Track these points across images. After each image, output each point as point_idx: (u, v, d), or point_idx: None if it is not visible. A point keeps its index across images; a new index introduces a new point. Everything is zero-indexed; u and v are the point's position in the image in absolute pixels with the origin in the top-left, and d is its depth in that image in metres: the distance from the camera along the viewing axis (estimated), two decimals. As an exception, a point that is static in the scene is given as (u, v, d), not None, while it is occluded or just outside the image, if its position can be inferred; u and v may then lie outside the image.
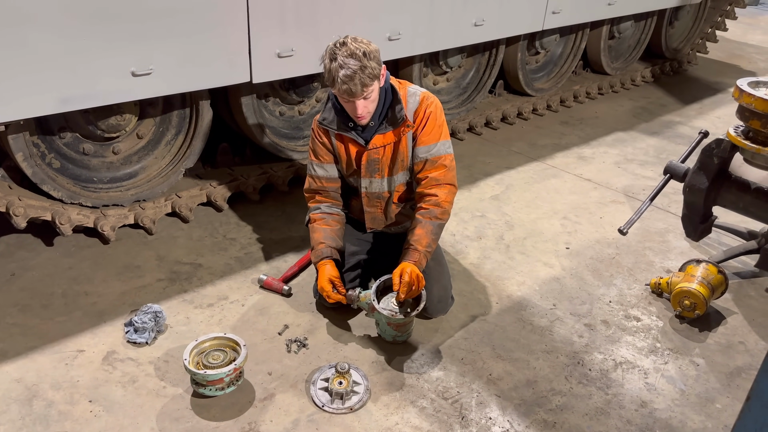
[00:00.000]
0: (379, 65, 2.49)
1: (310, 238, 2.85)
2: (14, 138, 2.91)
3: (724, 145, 3.03)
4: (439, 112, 2.73)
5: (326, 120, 2.71)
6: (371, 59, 2.43)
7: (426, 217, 2.68)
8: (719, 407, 2.52)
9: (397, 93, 2.65)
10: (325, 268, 2.73)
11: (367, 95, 2.49)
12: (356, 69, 2.39)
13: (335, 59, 2.42)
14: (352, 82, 2.41)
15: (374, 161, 2.75)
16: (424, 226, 2.67)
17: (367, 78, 2.42)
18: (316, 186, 2.88)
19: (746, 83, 2.88)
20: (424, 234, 2.65)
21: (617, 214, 3.89)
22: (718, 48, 7.55)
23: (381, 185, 2.82)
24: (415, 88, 2.74)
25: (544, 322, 2.93)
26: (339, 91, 2.47)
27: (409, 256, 2.63)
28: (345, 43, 2.44)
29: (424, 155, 2.71)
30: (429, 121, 2.69)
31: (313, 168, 2.86)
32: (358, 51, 2.40)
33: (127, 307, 2.86)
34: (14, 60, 2.46)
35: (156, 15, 2.74)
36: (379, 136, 2.70)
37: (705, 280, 2.94)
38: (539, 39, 5.16)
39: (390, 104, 2.66)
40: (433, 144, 2.70)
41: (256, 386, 2.48)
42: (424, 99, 2.70)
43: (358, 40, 2.46)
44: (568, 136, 5.05)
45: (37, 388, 2.43)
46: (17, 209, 2.97)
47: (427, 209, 2.69)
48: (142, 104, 3.33)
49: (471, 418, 2.40)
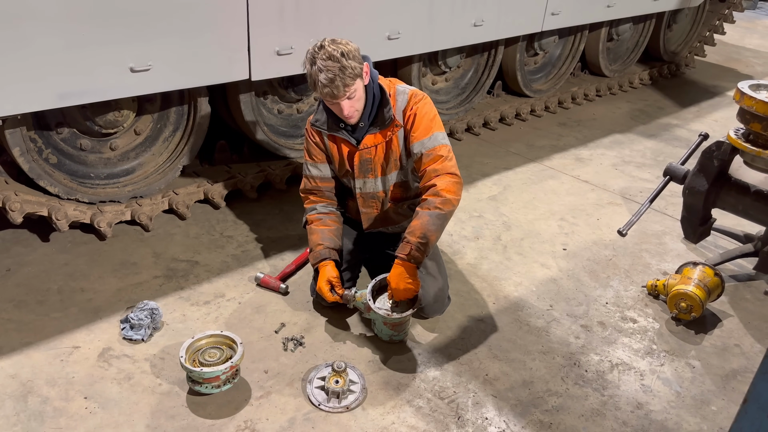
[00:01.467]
0: (359, 64, 2.47)
1: (308, 239, 2.85)
2: (11, 133, 2.89)
3: (724, 147, 3.03)
4: (429, 107, 2.69)
5: (318, 121, 2.73)
6: (350, 59, 2.42)
7: (424, 208, 2.61)
8: (715, 409, 2.52)
9: (386, 93, 2.65)
10: (325, 269, 2.74)
11: (350, 95, 2.48)
12: (336, 71, 2.39)
13: (314, 63, 2.42)
14: (333, 84, 2.41)
15: (367, 161, 2.75)
16: (420, 217, 2.59)
17: (348, 78, 2.42)
18: (311, 186, 2.89)
19: (747, 86, 2.89)
20: (419, 225, 2.56)
21: (614, 216, 3.90)
22: (715, 51, 7.57)
23: (375, 185, 2.82)
24: (403, 86, 2.73)
25: (540, 323, 2.93)
26: (322, 94, 2.47)
27: (401, 249, 2.58)
28: (323, 46, 2.43)
29: (419, 149, 2.67)
30: (417, 117, 2.66)
31: (307, 168, 2.87)
32: (336, 52, 2.40)
33: (123, 304, 2.85)
34: (12, 55, 2.45)
35: (155, 11, 2.73)
36: (369, 136, 2.70)
37: (701, 283, 2.94)
38: (538, 40, 5.16)
39: (379, 104, 2.65)
40: (426, 138, 2.66)
41: (252, 384, 2.48)
42: (412, 96, 2.68)
43: (337, 41, 2.45)
44: (565, 137, 5.06)
45: (32, 384, 2.42)
46: (13, 204, 2.96)
47: (426, 200, 2.62)
48: (140, 100, 3.32)
49: (467, 418, 2.40)
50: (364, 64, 2.53)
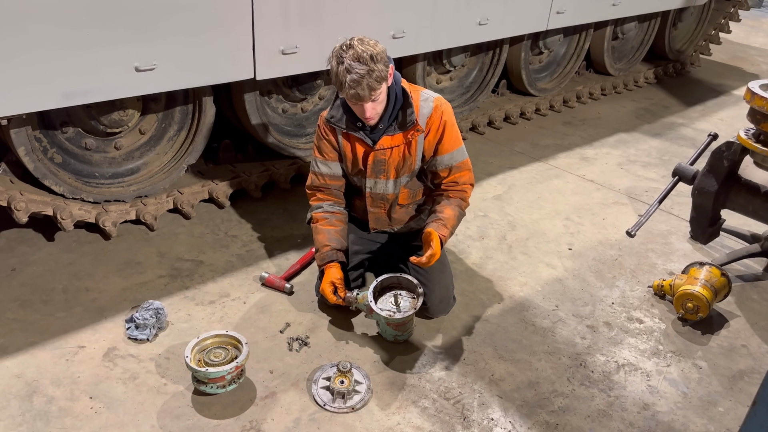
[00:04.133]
0: (386, 67, 2.46)
1: (314, 238, 2.84)
2: (16, 132, 2.89)
3: (734, 148, 3.00)
4: (454, 118, 2.75)
5: (334, 118, 2.69)
6: (378, 62, 2.40)
7: (455, 202, 2.77)
8: (722, 410, 2.51)
9: (409, 97, 2.63)
10: (330, 271, 2.73)
11: (375, 98, 2.47)
12: (363, 73, 2.37)
13: (342, 62, 2.39)
14: (360, 87, 2.39)
15: (381, 162, 2.73)
16: (454, 208, 2.74)
17: (374, 82, 2.40)
18: (319, 183, 2.86)
19: (758, 86, 2.86)
20: (453, 216, 2.72)
21: (620, 216, 3.88)
22: (721, 50, 7.54)
23: (386, 186, 2.81)
24: (428, 93, 2.72)
25: (546, 323, 2.92)
26: (347, 95, 2.45)
27: (438, 227, 2.66)
28: (351, 45, 2.41)
29: (449, 163, 2.74)
30: (447, 129, 2.69)
31: (316, 165, 2.85)
32: (365, 54, 2.38)
33: (128, 304, 2.85)
34: (17, 54, 2.45)
35: (160, 10, 2.73)
36: (387, 138, 2.68)
37: (708, 283, 2.93)
38: (543, 39, 5.15)
39: (401, 107, 2.64)
40: (456, 150, 2.74)
41: (257, 384, 2.47)
42: (438, 106, 2.68)
43: (365, 41, 2.43)
44: (570, 136, 5.04)
45: (38, 384, 2.42)
46: (19, 204, 2.96)
47: (455, 198, 2.78)
48: (145, 100, 3.32)
49: (473, 419, 2.39)
50: (390, 66, 2.52)
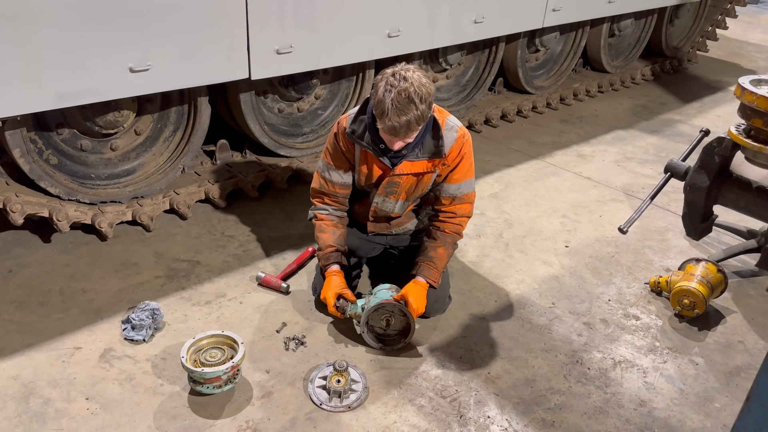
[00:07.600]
0: (429, 109, 2.39)
1: (317, 236, 2.81)
2: (11, 134, 2.89)
3: (725, 143, 3.01)
4: (472, 150, 2.71)
5: (355, 133, 2.59)
6: (425, 103, 2.34)
7: (449, 240, 2.76)
8: (718, 406, 2.51)
9: (439, 128, 2.56)
10: (332, 279, 2.70)
11: (410, 137, 2.45)
12: (409, 115, 2.31)
13: (390, 92, 2.31)
14: (399, 124, 2.34)
15: (395, 184, 2.69)
16: (447, 248, 2.75)
17: (415, 124, 2.36)
18: (327, 189, 2.80)
19: (748, 81, 2.87)
20: (445, 256, 2.74)
21: (617, 213, 3.88)
22: (718, 46, 7.54)
23: (393, 206, 2.78)
24: (452, 121, 2.65)
25: (543, 320, 2.92)
26: (384, 125, 2.38)
27: (428, 272, 2.69)
28: (406, 78, 2.32)
29: (454, 193, 2.72)
30: (464, 161, 2.67)
31: (327, 172, 2.77)
32: (417, 93, 2.30)
33: (124, 305, 2.85)
34: (11, 55, 2.45)
35: (154, 10, 2.73)
36: (407, 163, 2.61)
37: (704, 279, 2.93)
38: (539, 36, 5.15)
39: (431, 134, 2.57)
40: (464, 182, 2.71)
41: (253, 384, 2.47)
42: (461, 137, 2.63)
43: (420, 78, 2.34)
44: (567, 134, 5.04)
45: (34, 385, 2.42)
46: (14, 205, 2.96)
47: (450, 234, 2.76)
48: (140, 100, 3.31)
49: (469, 417, 2.39)
50: (432, 107, 2.46)
